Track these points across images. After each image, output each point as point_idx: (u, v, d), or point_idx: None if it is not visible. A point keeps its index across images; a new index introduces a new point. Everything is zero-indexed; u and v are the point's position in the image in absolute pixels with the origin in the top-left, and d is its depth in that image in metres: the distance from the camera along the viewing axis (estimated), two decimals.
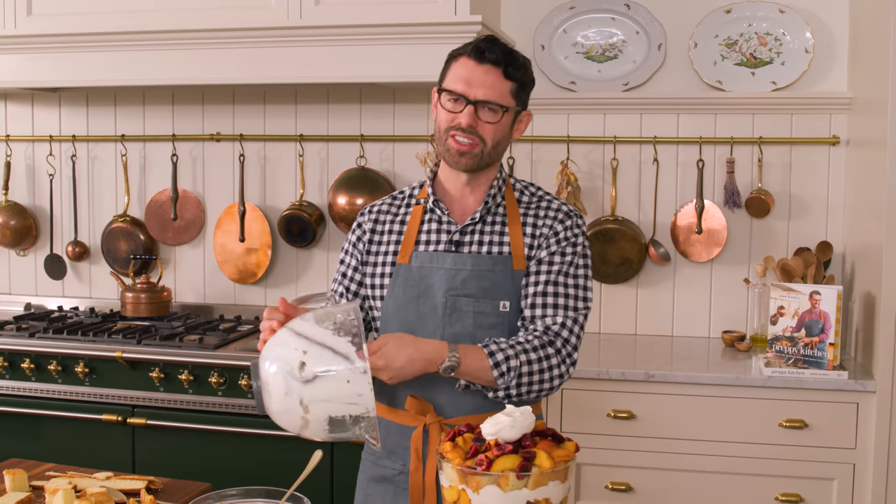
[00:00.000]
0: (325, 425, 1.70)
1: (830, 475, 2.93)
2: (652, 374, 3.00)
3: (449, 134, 2.00)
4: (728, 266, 3.57)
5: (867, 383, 2.89)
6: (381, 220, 2.15)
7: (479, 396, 1.99)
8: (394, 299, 2.06)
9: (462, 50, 2.02)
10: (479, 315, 2.00)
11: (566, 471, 1.52)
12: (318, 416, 1.69)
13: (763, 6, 3.46)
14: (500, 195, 2.09)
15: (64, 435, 3.36)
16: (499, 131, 2.01)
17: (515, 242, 2.05)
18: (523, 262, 2.04)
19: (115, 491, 1.94)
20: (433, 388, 2.00)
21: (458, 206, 2.10)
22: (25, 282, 4.23)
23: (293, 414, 1.70)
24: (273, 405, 1.72)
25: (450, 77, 2.01)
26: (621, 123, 3.60)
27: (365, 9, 3.23)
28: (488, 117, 1.98)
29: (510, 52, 2.00)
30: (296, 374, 1.69)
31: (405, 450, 2.03)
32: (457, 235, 2.06)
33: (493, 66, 1.97)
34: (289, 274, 3.92)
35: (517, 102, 2.03)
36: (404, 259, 2.07)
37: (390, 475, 2.08)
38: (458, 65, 2.01)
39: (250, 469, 3.19)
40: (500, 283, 2.02)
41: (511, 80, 1.99)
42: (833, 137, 3.44)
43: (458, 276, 2.01)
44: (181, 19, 3.36)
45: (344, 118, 3.84)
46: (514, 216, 2.08)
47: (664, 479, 3.02)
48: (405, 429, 2.03)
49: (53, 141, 4.10)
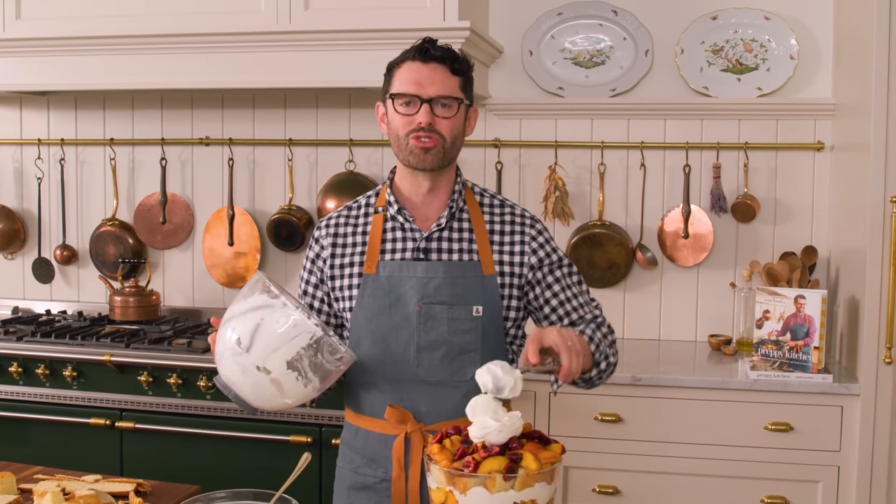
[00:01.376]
0: (292, 374, 1.73)
1: (815, 477, 2.95)
2: (639, 378, 3.02)
3: (409, 137, 2.00)
4: (714, 270, 3.59)
5: (851, 386, 2.91)
6: (340, 234, 2.13)
7: (459, 398, 1.99)
8: (364, 310, 2.04)
9: (403, 56, 2.04)
10: (454, 321, 2.01)
11: (552, 472, 1.54)
12: (280, 368, 1.73)
13: (749, 13, 3.49)
14: (461, 199, 2.10)
15: (52, 439, 3.35)
16: (455, 126, 2.02)
17: (483, 248, 2.06)
18: (492, 266, 2.05)
19: (103, 494, 1.94)
20: (413, 395, 2.02)
21: (420, 213, 2.10)
22: (13, 285, 4.22)
23: (263, 385, 1.74)
24: (245, 393, 1.76)
25: (397, 83, 2.02)
26: (609, 129, 3.62)
27: (354, 14, 3.24)
28: (444, 112, 2.00)
29: (451, 50, 2.04)
30: (238, 350, 1.74)
31: (386, 458, 2.03)
32: (423, 243, 2.06)
33: (439, 64, 2.00)
34: (277, 277, 3.92)
35: (465, 96, 2.05)
36: (371, 269, 2.05)
37: (371, 483, 2.07)
38: (402, 70, 2.02)
39: (239, 472, 3.19)
40: (471, 289, 2.03)
41: (458, 76, 2.02)
42: (818, 143, 3.47)
43: (431, 283, 2.01)
44: (170, 23, 3.36)
45: (333, 122, 3.85)
46: (478, 221, 2.09)
47: (651, 482, 3.04)
48: (385, 437, 2.04)
49: (42, 144, 4.09)
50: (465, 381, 2.00)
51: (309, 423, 3.13)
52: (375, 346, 2.03)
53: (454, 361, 2.02)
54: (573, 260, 3.59)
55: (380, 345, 2.02)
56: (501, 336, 2.06)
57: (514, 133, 3.70)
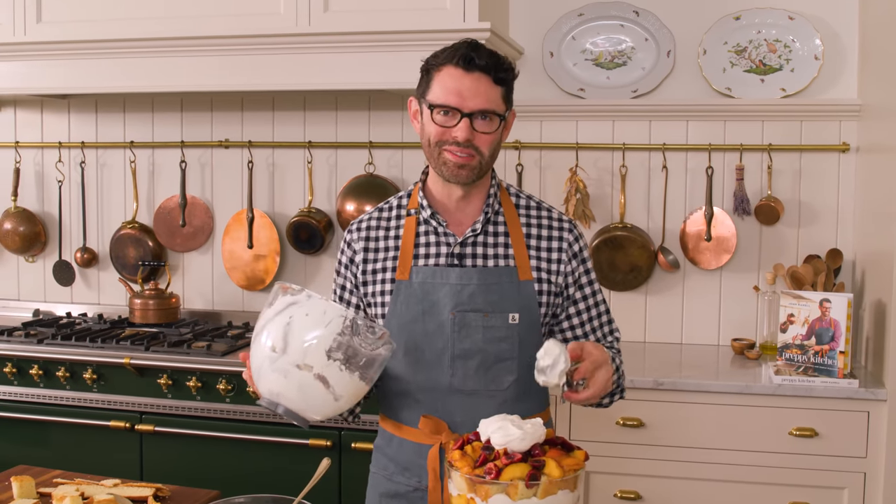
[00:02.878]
0: (335, 364, 1.67)
1: (841, 484, 2.91)
2: (661, 382, 2.99)
3: (442, 148, 1.91)
4: (737, 273, 3.55)
5: (878, 391, 2.87)
6: (371, 237, 2.05)
7: (493, 408, 1.92)
8: (397, 317, 1.97)
9: (445, 58, 1.90)
10: (489, 329, 1.95)
11: (576, 479, 1.52)
12: (321, 361, 1.66)
13: (772, 13, 3.45)
14: (496, 202, 2.03)
15: (72, 441, 3.36)
16: (494, 140, 1.93)
17: (519, 252, 2.00)
18: (529, 272, 1.99)
19: (122, 498, 1.94)
20: (447, 405, 1.97)
21: (455, 217, 2.02)
22: (34, 288, 4.24)
23: (309, 386, 1.67)
24: (293, 402, 1.69)
25: (436, 89, 1.90)
26: (630, 130, 3.60)
27: (373, 16, 3.23)
28: (484, 127, 1.89)
29: (496, 55, 1.91)
30: (273, 356, 1.68)
31: (420, 467, 1.99)
32: (457, 248, 1.99)
33: (483, 73, 1.88)
34: (297, 281, 3.91)
35: (507, 105, 1.94)
36: (404, 275, 1.98)
37: (404, 491, 2.03)
38: (443, 75, 1.90)
39: (258, 476, 3.19)
40: (507, 296, 1.96)
41: (501, 86, 1.91)
42: (843, 144, 3.42)
43: (465, 290, 1.95)
44: (190, 26, 3.37)
45: (352, 125, 3.84)
46: (514, 224, 2.03)
47: (673, 488, 3.01)
48: (420, 447, 1.99)
49: (62, 147, 4.11)
50: (502, 391, 1.97)
51: (328, 427, 3.12)
52: (409, 355, 1.97)
53: (490, 370, 1.96)
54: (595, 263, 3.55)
55: (413, 353, 1.96)
56: (539, 343, 1.94)
57: (535, 135, 3.67)
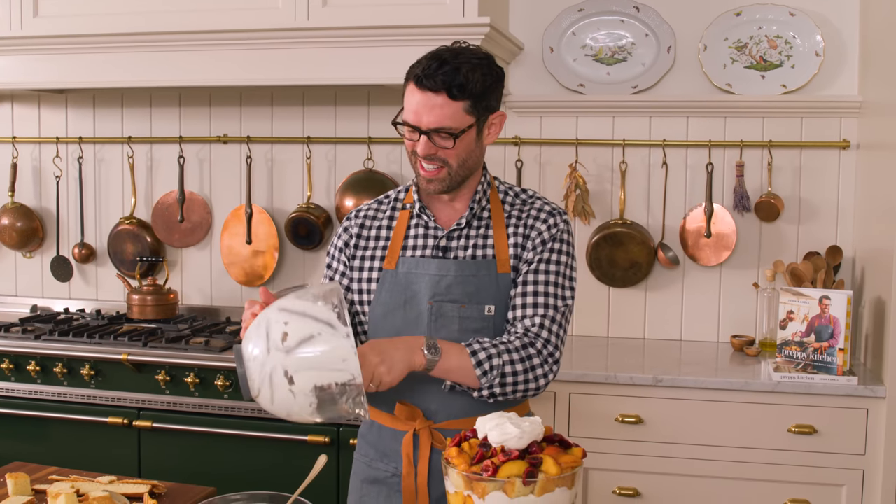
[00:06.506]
0: (312, 397, 1.65)
1: (840, 481, 2.91)
2: (660, 379, 2.98)
3: (416, 159, 1.97)
4: (737, 270, 3.54)
5: (877, 389, 2.86)
6: (367, 225, 2.12)
7: (468, 399, 1.98)
8: (381, 305, 2.04)
9: (408, 73, 1.93)
10: (465, 320, 1.99)
11: (573, 477, 1.51)
12: (304, 387, 1.65)
13: (773, 9, 3.44)
14: (484, 199, 2.07)
15: (69, 437, 3.35)
16: (462, 150, 1.94)
17: (500, 245, 2.03)
18: (508, 265, 2.02)
19: (117, 495, 1.93)
20: (423, 394, 2.00)
21: (444, 212, 2.08)
22: (32, 284, 4.22)
23: (280, 389, 1.66)
24: (256, 385, 1.68)
25: (405, 103, 1.93)
26: (630, 126, 3.58)
27: (372, 10, 3.21)
28: (443, 143, 1.91)
29: (452, 72, 1.87)
30: (279, 345, 1.65)
31: (396, 453, 2.04)
32: (443, 241, 2.04)
33: (436, 93, 1.87)
34: (296, 276, 3.91)
35: (477, 114, 1.92)
36: (391, 264, 2.05)
37: (383, 477, 2.08)
38: (407, 91, 1.92)
39: (255, 473, 3.18)
40: (484, 288, 2.00)
41: (462, 100, 1.89)
42: (843, 141, 3.41)
43: (443, 281, 1.99)
44: (188, 20, 3.35)
45: (351, 120, 3.82)
46: (498, 219, 2.06)
47: (672, 485, 3.00)
48: (395, 432, 2.04)
49: (60, 142, 4.09)
50: None
51: (326, 423, 3.11)
52: None
53: None
54: (594, 259, 3.55)
55: None
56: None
57: (535, 131, 3.66)
